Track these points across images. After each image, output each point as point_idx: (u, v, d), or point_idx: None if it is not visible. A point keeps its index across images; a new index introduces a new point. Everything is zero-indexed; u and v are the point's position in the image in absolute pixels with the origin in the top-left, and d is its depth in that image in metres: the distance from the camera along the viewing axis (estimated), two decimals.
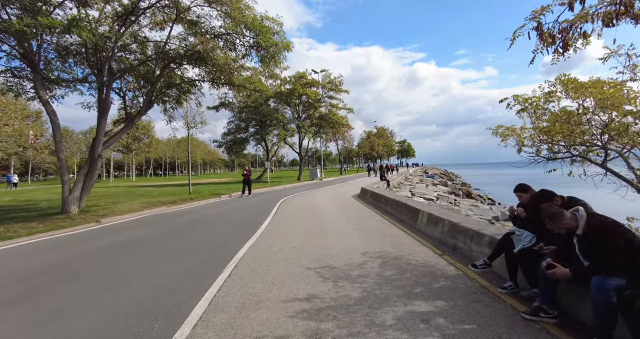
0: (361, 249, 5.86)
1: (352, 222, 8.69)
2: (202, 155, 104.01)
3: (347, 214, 10.20)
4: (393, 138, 78.77)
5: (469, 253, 5.19)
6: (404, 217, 8.76)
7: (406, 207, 8.79)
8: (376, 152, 60.96)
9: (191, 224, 8.95)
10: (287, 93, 28.89)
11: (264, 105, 29.58)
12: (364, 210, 11.04)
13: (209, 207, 12.68)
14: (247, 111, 30.96)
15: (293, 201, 14.08)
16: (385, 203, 10.96)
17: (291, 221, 9.04)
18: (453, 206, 13.46)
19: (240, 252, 5.78)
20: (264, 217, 9.65)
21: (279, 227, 8.07)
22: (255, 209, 11.68)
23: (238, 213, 10.84)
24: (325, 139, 40.53)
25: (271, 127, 30.53)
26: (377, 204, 12.10)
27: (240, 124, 32.26)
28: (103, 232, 7.88)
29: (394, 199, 10.21)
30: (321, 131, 32.00)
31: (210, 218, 9.88)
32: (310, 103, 30.32)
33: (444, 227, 6.34)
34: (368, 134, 63.98)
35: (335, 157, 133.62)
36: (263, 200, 14.90)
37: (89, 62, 9.70)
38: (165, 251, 6.03)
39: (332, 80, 30.39)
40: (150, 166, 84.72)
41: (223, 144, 32.20)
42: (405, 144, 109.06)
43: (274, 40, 9.97)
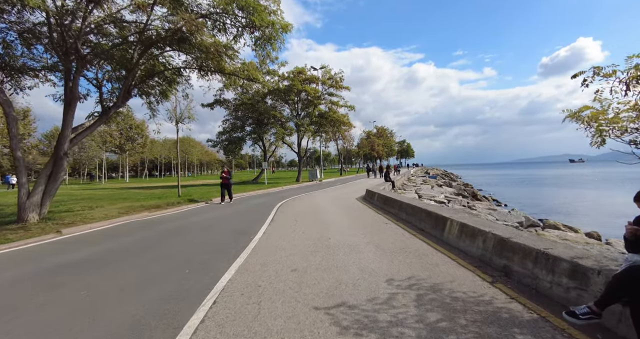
0: (383, 272, 4.46)
1: (363, 232, 7.29)
2: (199, 155, 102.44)
3: (355, 221, 8.81)
4: (393, 138, 77.51)
5: (534, 282, 3.80)
6: (425, 225, 7.37)
7: (427, 213, 7.41)
8: (376, 152, 59.64)
9: (170, 235, 7.51)
10: (286, 90, 27.44)
11: (261, 102, 28.10)
12: (373, 216, 9.64)
13: (197, 213, 11.25)
14: (243, 108, 29.49)
15: (292, 205, 12.66)
16: (399, 208, 9.57)
17: (290, 231, 7.62)
18: (469, 210, 12.09)
19: (224, 279, 4.37)
20: (258, 226, 8.23)
21: (276, 240, 6.65)
22: (249, 216, 10.26)
23: (229, 221, 9.42)
24: (325, 139, 39.15)
25: (269, 126, 29.08)
26: (387, 208, 10.71)
27: (236, 122, 30.77)
28: (55, 249, 6.40)
29: (409, 203, 8.82)
30: (321, 129, 30.58)
31: (195, 227, 8.45)
32: (310, 100, 28.87)
33: (486, 242, 4.96)
34: (368, 134, 62.65)
35: (335, 157, 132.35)
36: (258, 204, 13.47)
37: (53, 44, 8.27)
38: (123, 278, 4.56)
39: (332, 76, 28.99)
40: (145, 167, 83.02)
41: (218, 144, 30.71)
42: (404, 145, 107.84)
43: (269, 20, 8.58)
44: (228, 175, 14.23)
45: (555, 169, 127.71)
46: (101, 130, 51.32)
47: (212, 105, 30.37)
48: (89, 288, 4.18)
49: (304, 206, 12.29)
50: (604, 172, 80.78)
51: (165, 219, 10.01)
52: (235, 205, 13.51)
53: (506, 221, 10.79)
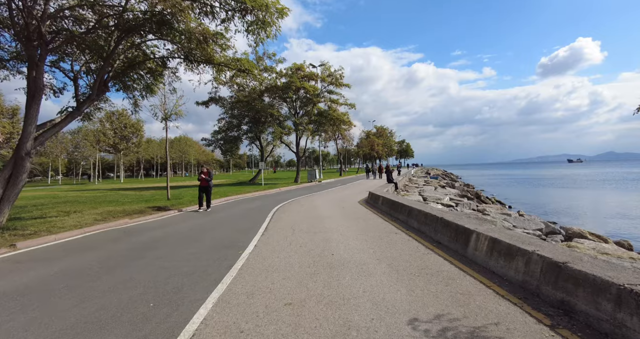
0: (403, 308, 3.43)
1: (370, 244, 6.26)
2: (196, 155, 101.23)
3: (359, 230, 7.77)
4: (393, 138, 76.52)
5: (618, 331, 2.77)
6: (441, 237, 6.34)
7: (444, 223, 6.38)
8: (376, 152, 58.64)
9: (143, 250, 6.44)
10: (283, 87, 26.35)
11: (258, 100, 26.99)
12: (379, 223, 8.61)
13: (182, 219, 10.18)
14: (239, 106, 28.38)
15: (289, 210, 11.61)
16: (408, 214, 8.54)
17: (286, 243, 6.58)
18: (481, 215, 11.08)
19: (196, 319, 3.32)
20: (248, 237, 7.19)
21: (268, 257, 5.61)
22: (240, 223, 9.20)
23: (215, 230, 8.36)
24: (324, 138, 38.08)
25: (266, 125, 27.99)
26: (394, 214, 9.69)
27: (232, 121, 29.66)
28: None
29: (421, 210, 7.78)
30: (320, 128, 29.49)
31: (175, 238, 7.39)
32: (309, 98, 27.77)
33: (529, 265, 3.94)
34: (367, 134, 61.63)
35: (333, 157, 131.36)
36: (252, 209, 12.40)
37: (15, 28, 7.22)
38: (57, 322, 3.44)
39: (332, 73, 27.90)
40: (141, 167, 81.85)
41: (213, 143, 29.61)
42: (404, 145, 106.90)
43: (263, 1, 7.53)
44: (208, 176, 11.84)
45: (554, 169, 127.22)
46: (94, 129, 50.21)
47: (207, 103, 29.28)
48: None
49: (302, 212, 11.25)
50: (603, 173, 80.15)
51: (145, 227, 8.93)
52: (226, 210, 12.43)
53: (525, 228, 9.78)
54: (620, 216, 18.46)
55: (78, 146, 63.19)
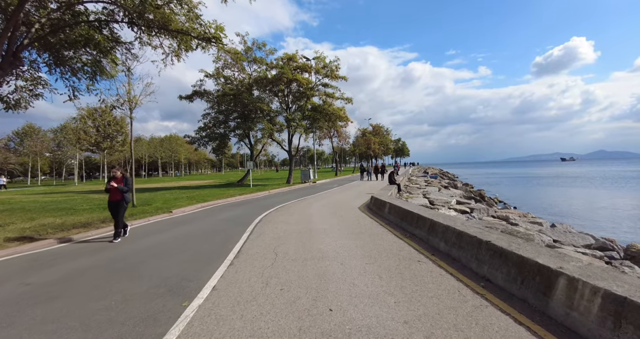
0: None
1: (388, 286, 4.11)
2: (187, 154, 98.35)
3: (367, 255, 5.62)
4: (389, 136, 74.55)
5: None
6: (492, 273, 4.22)
7: (495, 251, 4.26)
8: (372, 151, 56.60)
9: (37, 301, 4.23)
10: (274, 79, 24.05)
11: (245, 93, 24.62)
12: (391, 242, 6.48)
13: (132, 238, 7.92)
14: (226, 100, 26.03)
15: (274, 222, 9.42)
16: (429, 230, 6.42)
17: (260, 286, 4.40)
18: (509, 225, 9.01)
19: None
20: (207, 272, 4.99)
21: (224, 322, 3.41)
22: (206, 243, 6.98)
23: (169, 255, 6.14)
24: (319, 136, 35.76)
25: (255, 120, 25.66)
26: (408, 228, 7.57)
27: (218, 116, 27.29)
28: None
29: (450, 226, 5.65)
30: (314, 125, 27.25)
31: (98, 274, 5.12)
32: (302, 92, 25.50)
33: None
34: (363, 132, 59.52)
35: (328, 156, 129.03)
36: (228, 220, 10.14)
37: None
38: None
39: (327, 64, 25.68)
40: (129, 166, 78.78)
41: (197, 141, 27.19)
42: (400, 143, 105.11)
43: None
44: (123, 183, 7.24)
45: (549, 167, 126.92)
46: (74, 127, 47.43)
47: (190, 97, 26.88)
48: None
49: (291, 223, 9.07)
50: (599, 171, 79.46)
51: (74, 252, 6.65)
52: (194, 222, 10.19)
53: (574, 244, 7.74)
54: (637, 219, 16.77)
55: (61, 144, 60.22)
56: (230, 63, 27.40)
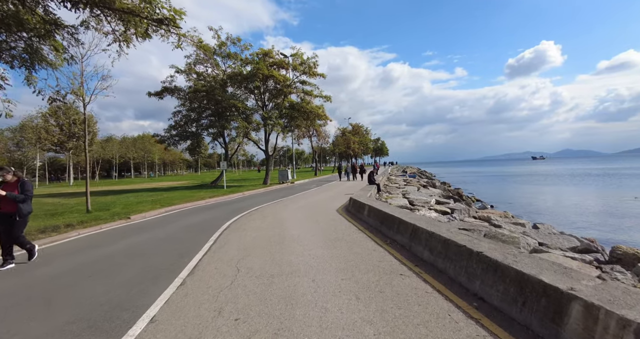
0: None
1: (367, 309, 3.42)
2: (161, 154, 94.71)
3: (344, 267, 4.92)
4: (368, 136, 74.74)
5: None
6: (486, 290, 3.61)
7: (489, 264, 3.66)
8: (352, 150, 56.36)
9: None
10: (249, 75, 22.95)
11: (219, 89, 23.37)
12: (370, 250, 5.81)
13: (68, 253, 6.87)
14: (198, 98, 24.69)
15: (244, 228, 8.57)
16: (412, 236, 5.81)
17: (210, 316, 3.60)
18: (495, 229, 8.60)
19: None
20: (151, 296, 4.12)
21: None
22: (154, 259, 6.02)
23: (103, 276, 5.19)
24: (297, 135, 34.92)
25: (229, 119, 24.44)
26: (388, 233, 6.96)
27: (190, 114, 25.90)
28: None
29: (434, 233, 5.04)
30: (292, 123, 26.36)
31: (1, 304, 4.19)
32: (279, 89, 24.54)
33: None
34: (343, 131, 59.21)
35: (308, 156, 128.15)
36: (193, 226, 9.18)
37: None
38: None
39: (304, 61, 24.88)
40: (98, 167, 74.94)
41: (167, 139, 25.66)
42: (379, 143, 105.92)
43: None
44: (18, 189, 5.38)
45: (521, 166, 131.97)
46: (34, 125, 44.21)
47: (160, 94, 25.34)
48: None
49: (262, 229, 8.25)
50: (568, 169, 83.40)
51: None
52: (154, 229, 9.19)
53: (560, 247, 7.39)
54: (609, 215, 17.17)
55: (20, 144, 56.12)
56: (203, 58, 26.09)
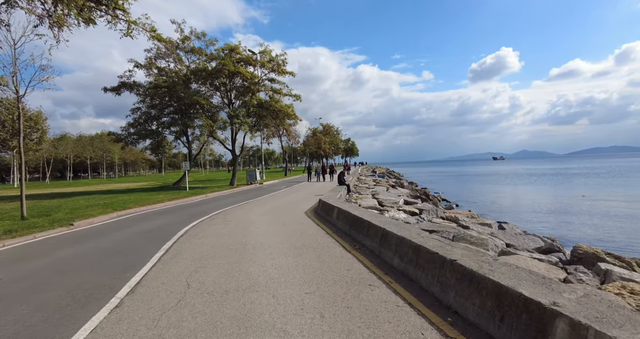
0: None
1: (334, 330, 3.00)
2: (122, 154, 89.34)
3: (309, 279, 4.48)
4: (339, 136, 75.03)
5: None
6: (461, 302, 3.32)
7: (464, 274, 3.38)
8: (323, 150, 56.19)
9: None
10: (214, 71, 21.83)
11: (181, 85, 22.01)
12: (339, 257, 5.42)
13: None
14: (160, 94, 23.18)
15: (203, 234, 7.87)
16: (381, 241, 5.49)
17: None
18: (464, 230, 8.56)
19: None
20: (75, 323, 3.42)
21: None
22: (90, 275, 5.21)
23: (21, 299, 4.39)
24: (266, 135, 34.01)
25: (193, 116, 23.11)
26: (358, 237, 6.62)
27: (150, 111, 24.28)
28: None
29: (405, 238, 4.73)
30: (260, 122, 25.48)
31: None
32: (247, 87, 23.62)
33: None
34: (314, 131, 58.89)
35: (279, 156, 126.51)
36: (144, 233, 8.33)
37: None
38: None
39: (273, 58, 24.12)
40: (49, 168, 69.20)
41: (124, 138, 23.85)
42: (350, 143, 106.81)
43: None
44: None
45: (483, 166, 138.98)
46: None
47: (117, 89, 23.55)
48: None
49: (223, 235, 7.61)
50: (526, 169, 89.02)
51: None
52: (97, 238, 8.26)
53: (527, 248, 7.43)
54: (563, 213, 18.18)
55: None
56: (164, 53, 24.59)
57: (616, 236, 12.45)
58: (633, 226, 14.23)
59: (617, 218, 16.09)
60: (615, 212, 17.69)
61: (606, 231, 13.33)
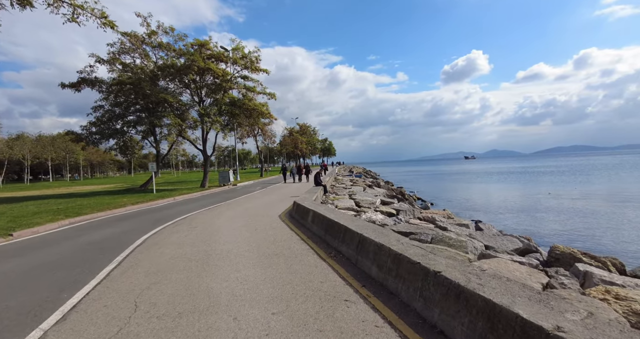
0: None
1: None
2: (87, 155, 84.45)
3: (278, 294, 3.96)
4: (316, 136, 74.68)
5: None
6: (457, 327, 2.90)
7: (450, 289, 2.99)
8: (300, 150, 55.59)
9: None
10: (183, 67, 20.65)
11: (147, 82, 20.63)
12: (312, 267, 4.94)
13: None
14: (125, 92, 21.70)
15: (162, 246, 7.12)
16: (358, 247, 5.07)
17: None
18: (442, 232, 8.34)
19: None
20: None
21: None
22: (16, 297, 4.45)
23: None
24: (241, 134, 32.89)
25: (161, 114, 21.76)
26: (333, 243, 6.17)
27: (114, 109, 22.68)
28: None
29: (384, 245, 4.33)
30: (233, 121, 24.47)
31: None
32: (218, 84, 22.59)
33: None
34: (290, 131, 58.15)
35: (255, 156, 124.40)
36: (96, 243, 7.48)
37: None
38: None
39: (245, 54, 23.21)
40: (3, 169, 64.13)
41: (85, 137, 22.10)
42: (327, 143, 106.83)
43: None
44: None
45: (456, 165, 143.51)
46: None
47: (77, 85, 21.82)
48: None
49: (184, 245, 6.91)
50: (494, 167, 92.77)
51: None
52: (39, 251, 7.33)
53: (507, 250, 7.27)
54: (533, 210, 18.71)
55: None
56: (129, 48, 23.08)
57: (582, 232, 12.83)
58: (596, 221, 14.79)
59: (581, 214, 16.69)
60: (579, 209, 18.39)
61: (572, 227, 13.74)
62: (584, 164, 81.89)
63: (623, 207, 18.40)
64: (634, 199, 20.86)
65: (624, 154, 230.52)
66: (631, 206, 18.46)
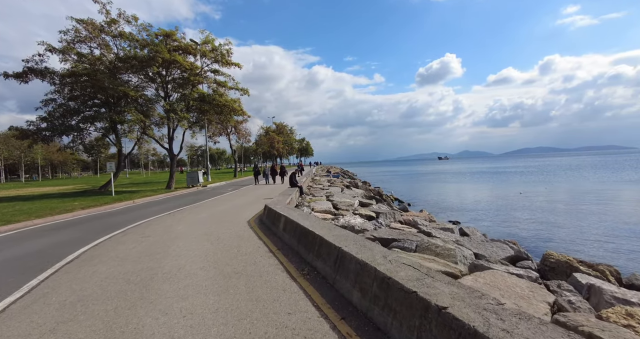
0: None
1: None
2: (47, 154, 78.65)
3: (232, 334, 2.98)
4: (293, 135, 73.44)
5: None
6: None
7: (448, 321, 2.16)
8: (276, 150, 54.21)
9: None
10: (146, 58, 18.93)
11: (104, 74, 18.69)
12: (280, 291, 3.98)
13: None
14: (81, 84, 19.66)
15: (98, 262, 5.90)
16: (336, 264, 4.17)
17: None
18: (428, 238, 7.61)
19: None
20: None
21: None
22: None
23: None
24: (212, 132, 31.14)
25: (122, 109, 19.86)
26: (307, 257, 5.25)
27: (69, 103, 20.52)
28: None
29: (368, 264, 3.46)
30: (203, 117, 22.91)
31: None
32: (185, 78, 21.00)
33: None
34: (267, 130, 56.64)
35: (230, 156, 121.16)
36: (15, 260, 6.16)
37: None
38: None
39: (216, 47, 21.75)
40: None
41: (33, 134, 19.80)
42: (304, 143, 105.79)
43: None
44: None
45: (430, 165, 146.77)
46: None
47: (22, 75, 19.51)
48: None
49: (127, 261, 5.73)
50: (466, 167, 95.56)
51: None
52: None
53: (499, 258, 6.63)
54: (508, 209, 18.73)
55: None
56: (86, 36, 21.01)
57: (558, 232, 12.71)
58: (569, 220, 14.85)
59: (554, 213, 16.85)
60: (550, 208, 18.59)
61: (547, 226, 13.71)
62: (550, 165, 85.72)
63: (589, 204, 19.04)
64: (596, 195, 21.52)
65: (584, 155, 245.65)
66: (595, 202, 19.28)
